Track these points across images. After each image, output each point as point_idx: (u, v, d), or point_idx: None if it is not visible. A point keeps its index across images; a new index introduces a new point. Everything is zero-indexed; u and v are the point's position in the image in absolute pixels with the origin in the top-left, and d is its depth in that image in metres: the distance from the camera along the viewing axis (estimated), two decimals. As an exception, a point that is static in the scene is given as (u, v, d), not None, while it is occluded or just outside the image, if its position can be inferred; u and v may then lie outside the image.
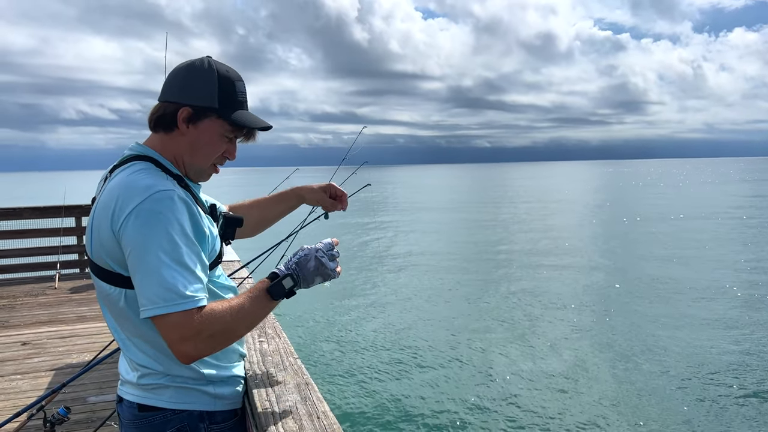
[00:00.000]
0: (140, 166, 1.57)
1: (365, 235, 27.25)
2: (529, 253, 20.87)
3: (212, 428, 1.66)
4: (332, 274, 1.66)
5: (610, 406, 7.94)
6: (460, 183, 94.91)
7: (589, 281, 16.08)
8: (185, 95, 1.60)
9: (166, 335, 1.41)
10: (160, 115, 1.63)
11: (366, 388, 8.73)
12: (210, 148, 1.65)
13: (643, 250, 21.20)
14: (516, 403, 8.12)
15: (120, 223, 1.44)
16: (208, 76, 1.61)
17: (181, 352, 1.41)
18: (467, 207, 43.44)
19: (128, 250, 1.44)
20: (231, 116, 1.62)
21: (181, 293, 1.39)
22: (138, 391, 1.63)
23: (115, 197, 1.48)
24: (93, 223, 1.54)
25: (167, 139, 1.64)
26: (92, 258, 1.58)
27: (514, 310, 13.11)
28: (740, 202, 41.94)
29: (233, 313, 1.47)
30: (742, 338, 10.78)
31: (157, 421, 1.61)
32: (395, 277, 17.39)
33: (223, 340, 1.47)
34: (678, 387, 8.53)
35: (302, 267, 1.62)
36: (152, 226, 1.42)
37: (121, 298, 1.54)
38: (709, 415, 7.64)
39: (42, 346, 5.66)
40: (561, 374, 9.10)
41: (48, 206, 9.18)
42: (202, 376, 1.64)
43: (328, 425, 1.47)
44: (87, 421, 4.04)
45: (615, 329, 11.48)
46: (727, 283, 15.49)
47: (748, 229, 26.34)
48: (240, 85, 1.66)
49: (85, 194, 8.61)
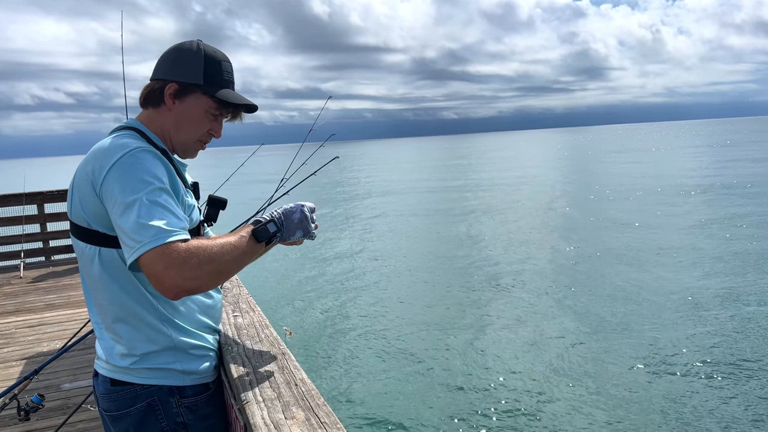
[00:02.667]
0: (123, 133, 1.65)
1: (335, 212, 27.21)
2: (505, 231, 21.11)
3: (183, 402, 1.70)
4: (312, 231, 1.75)
5: (589, 387, 8.16)
6: (429, 156, 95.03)
7: (563, 254, 16.39)
8: (172, 72, 1.70)
9: (151, 269, 1.39)
10: (149, 91, 1.73)
11: (346, 365, 8.82)
12: (195, 124, 1.73)
13: (613, 221, 21.63)
14: (492, 385, 8.31)
15: (101, 180, 1.50)
16: (194, 55, 1.70)
17: (169, 282, 1.39)
18: (435, 183, 43.63)
19: (110, 203, 1.49)
20: (216, 93, 1.70)
21: (162, 228, 1.41)
22: (111, 366, 1.68)
23: (95, 157, 1.55)
24: (74, 183, 1.60)
25: (154, 113, 1.73)
26: (72, 218, 1.64)
27: (483, 290, 13.32)
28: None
29: (220, 245, 1.49)
30: (723, 310, 11.11)
31: (127, 395, 1.66)
32: (368, 255, 17.46)
33: (210, 270, 1.44)
34: (654, 372, 8.79)
35: (287, 217, 1.71)
36: (130, 174, 1.48)
37: (95, 256, 1.60)
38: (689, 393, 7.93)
39: (11, 336, 5.56)
40: (539, 358, 9.28)
41: (8, 194, 8.92)
42: (173, 346, 1.67)
43: (306, 391, 1.50)
44: (62, 407, 4.00)
45: (587, 304, 11.78)
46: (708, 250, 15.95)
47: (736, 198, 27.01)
48: (226, 65, 1.76)
49: (47, 181, 8.41)
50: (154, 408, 1.66)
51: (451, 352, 8.98)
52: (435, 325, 10.29)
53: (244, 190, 34.76)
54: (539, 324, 10.02)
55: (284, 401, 1.45)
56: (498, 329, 9.87)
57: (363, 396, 7.63)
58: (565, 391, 7.47)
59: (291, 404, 1.43)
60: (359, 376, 8.25)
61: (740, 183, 29.09)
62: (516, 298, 11.70)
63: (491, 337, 9.51)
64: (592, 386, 7.55)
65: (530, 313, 10.65)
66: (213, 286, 1.50)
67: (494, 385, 7.77)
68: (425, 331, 10.04)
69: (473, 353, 8.89)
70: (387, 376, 8.21)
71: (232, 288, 2.60)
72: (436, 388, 7.77)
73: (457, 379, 8.00)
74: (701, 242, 15.93)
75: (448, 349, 9.13)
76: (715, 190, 26.87)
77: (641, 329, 9.49)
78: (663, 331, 9.33)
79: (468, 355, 8.82)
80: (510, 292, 12.16)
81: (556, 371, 8.07)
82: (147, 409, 1.66)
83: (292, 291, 13.19)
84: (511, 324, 10.11)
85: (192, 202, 1.74)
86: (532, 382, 7.76)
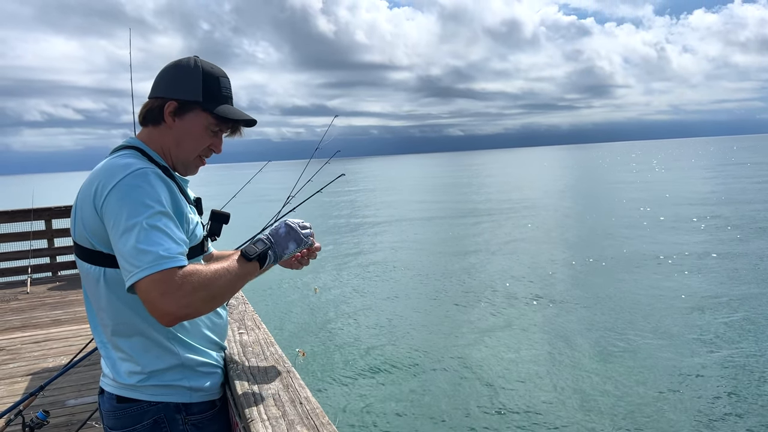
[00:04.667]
0: (125, 153, 1.66)
1: (340, 229, 27.23)
2: (515, 240, 21.05)
3: (189, 419, 1.69)
4: (305, 239, 1.78)
5: (588, 388, 8.10)
6: (434, 172, 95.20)
7: (573, 264, 16.31)
8: (171, 90, 1.70)
9: (147, 295, 1.41)
10: (148, 109, 1.74)
11: (348, 379, 8.77)
12: (195, 141, 1.74)
13: (618, 232, 21.55)
14: (492, 384, 8.24)
15: (102, 200, 1.51)
16: (193, 72, 1.71)
17: (163, 309, 1.41)
18: (442, 197, 43.64)
19: (110, 224, 1.49)
20: (215, 109, 1.71)
21: (160, 255, 1.43)
22: (117, 384, 1.67)
23: (97, 177, 1.56)
24: (77, 205, 1.61)
25: (155, 131, 1.74)
26: (75, 239, 1.64)
27: (489, 298, 13.25)
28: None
29: (213, 270, 1.52)
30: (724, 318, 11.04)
31: (135, 412, 1.66)
32: (373, 269, 17.43)
33: (204, 296, 1.46)
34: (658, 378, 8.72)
35: (275, 234, 1.75)
36: (131, 197, 1.49)
37: (101, 277, 1.60)
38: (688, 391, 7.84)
39: (17, 352, 5.56)
40: (539, 362, 9.23)
41: (16, 210, 8.99)
42: (180, 364, 1.67)
43: (311, 410, 1.49)
44: (67, 424, 3.99)
45: (592, 311, 11.70)
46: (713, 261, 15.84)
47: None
48: (224, 81, 1.77)
49: (55, 196, 8.46)
50: (161, 425, 1.66)
51: (456, 370, 8.91)
52: (443, 343, 10.21)
53: (251, 206, 34.87)
54: (556, 346, 9.94)
55: (289, 419, 1.44)
56: (511, 351, 9.79)
57: (367, 415, 7.57)
58: (575, 411, 7.40)
59: (296, 423, 1.42)
60: (364, 396, 8.18)
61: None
62: (527, 315, 11.63)
63: (502, 358, 9.43)
64: (605, 408, 7.47)
65: (545, 333, 10.58)
66: (207, 312, 1.52)
67: (505, 410, 7.69)
68: (432, 349, 9.97)
69: (480, 372, 8.82)
70: (391, 395, 8.14)
71: (238, 305, 2.60)
72: (441, 405, 7.69)
73: (463, 398, 7.93)
74: (711, 249, 15.85)
75: (455, 368, 9.05)
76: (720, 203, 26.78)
77: (647, 339, 9.41)
78: (669, 340, 9.25)
79: (475, 374, 8.75)
80: (520, 309, 12.09)
81: (573, 393, 8.00)
82: (153, 426, 1.65)
83: (298, 308, 13.15)
84: (529, 346, 10.04)
85: (196, 218, 1.75)
86: (555, 415, 7.69)
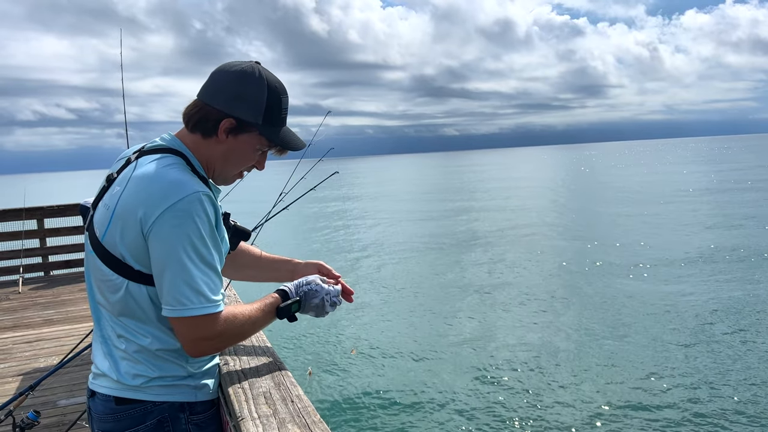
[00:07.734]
0: (171, 161, 1.56)
1: (335, 224, 27.20)
2: (510, 239, 21.09)
3: (192, 419, 1.66)
4: (324, 316, 1.82)
5: (587, 385, 8.12)
6: (430, 172, 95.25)
7: (566, 262, 16.36)
8: (232, 106, 1.59)
9: (186, 332, 1.48)
10: (201, 117, 1.62)
11: (341, 375, 8.76)
12: (243, 159, 1.69)
13: (612, 232, 21.63)
14: (491, 384, 8.25)
15: (152, 221, 1.44)
16: (258, 92, 1.61)
17: (198, 349, 1.51)
18: (436, 196, 43.68)
19: (157, 248, 1.45)
20: (271, 134, 1.65)
21: (208, 297, 1.46)
22: (117, 385, 1.59)
23: (147, 191, 1.47)
24: (116, 210, 1.50)
25: (203, 142, 1.64)
26: (102, 240, 1.53)
27: (486, 293, 13.27)
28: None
29: (247, 322, 1.62)
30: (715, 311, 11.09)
31: (137, 413, 1.59)
32: (369, 263, 17.42)
33: (233, 342, 1.64)
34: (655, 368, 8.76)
35: (308, 298, 1.78)
36: (185, 226, 1.44)
37: (123, 287, 1.53)
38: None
39: (8, 352, 5.53)
40: (540, 362, 9.26)
41: (8, 209, 8.92)
42: (189, 373, 1.64)
43: (302, 408, 1.48)
44: (58, 424, 3.96)
45: (586, 309, 11.74)
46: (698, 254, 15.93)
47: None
48: (285, 100, 1.68)
49: (47, 196, 8.40)
50: (164, 425, 1.61)
51: (453, 370, 8.92)
52: (439, 346, 10.22)
53: (243, 205, 34.78)
54: (556, 346, 9.96)
55: (280, 418, 1.43)
56: (514, 358, 9.80)
57: (359, 414, 7.56)
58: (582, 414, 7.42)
59: (287, 421, 1.41)
60: (355, 396, 8.17)
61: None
62: (527, 315, 11.65)
63: (501, 364, 9.44)
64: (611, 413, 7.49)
65: (545, 333, 10.60)
66: None
67: (505, 417, 7.70)
68: (427, 350, 9.97)
69: (478, 373, 8.83)
70: (384, 395, 8.13)
71: (230, 303, 2.59)
72: (435, 406, 7.69)
73: (460, 401, 7.93)
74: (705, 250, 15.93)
75: (451, 370, 9.06)
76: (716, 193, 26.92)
77: (647, 340, 9.44)
78: (669, 340, 9.29)
79: (471, 376, 8.76)
80: (520, 312, 12.11)
81: (576, 400, 8.02)
82: (156, 426, 1.60)
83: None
84: (529, 347, 10.05)
85: (227, 239, 1.71)
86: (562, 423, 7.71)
